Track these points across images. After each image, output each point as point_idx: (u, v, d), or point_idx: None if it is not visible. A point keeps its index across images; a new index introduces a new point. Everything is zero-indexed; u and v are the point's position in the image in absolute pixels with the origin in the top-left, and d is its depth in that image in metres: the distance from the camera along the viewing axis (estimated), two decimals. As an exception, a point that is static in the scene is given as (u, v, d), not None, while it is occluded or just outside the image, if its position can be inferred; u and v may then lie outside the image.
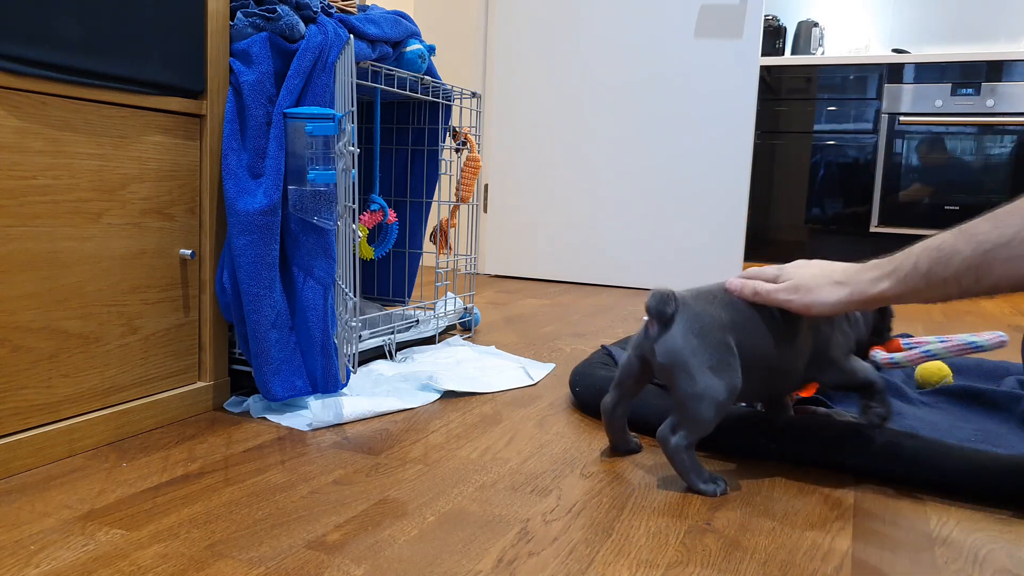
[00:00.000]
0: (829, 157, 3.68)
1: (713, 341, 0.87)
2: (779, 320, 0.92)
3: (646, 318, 0.90)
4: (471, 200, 1.63)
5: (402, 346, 1.51)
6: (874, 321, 1.04)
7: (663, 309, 0.87)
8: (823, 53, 4.00)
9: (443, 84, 1.52)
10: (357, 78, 1.27)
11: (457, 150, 1.64)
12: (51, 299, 0.88)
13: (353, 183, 1.08)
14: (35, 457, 0.87)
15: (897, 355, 1.00)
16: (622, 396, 0.97)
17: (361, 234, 1.41)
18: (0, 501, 0.79)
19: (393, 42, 1.34)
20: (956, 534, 0.79)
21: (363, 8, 1.34)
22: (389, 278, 1.75)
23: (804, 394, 1.13)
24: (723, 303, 0.91)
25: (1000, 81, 3.38)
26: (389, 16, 1.34)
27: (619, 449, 1.00)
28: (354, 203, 1.09)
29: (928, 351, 0.99)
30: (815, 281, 0.85)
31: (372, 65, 1.30)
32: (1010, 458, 0.88)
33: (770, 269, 0.92)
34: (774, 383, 0.95)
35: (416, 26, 1.40)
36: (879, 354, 1.02)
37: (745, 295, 0.90)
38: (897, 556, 0.74)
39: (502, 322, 1.91)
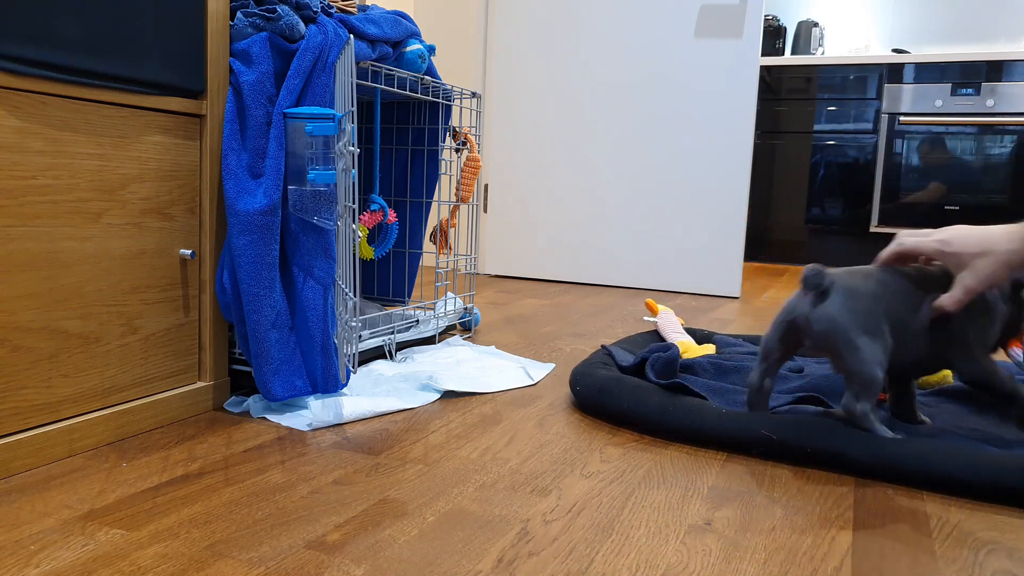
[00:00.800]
0: (829, 157, 3.68)
1: (866, 308, 0.95)
2: (919, 297, 0.99)
3: (799, 291, 0.99)
4: (471, 200, 1.63)
5: (402, 346, 1.51)
6: (1009, 313, 1.03)
7: (819, 280, 0.97)
8: (823, 53, 4.00)
9: (443, 84, 1.52)
10: (357, 78, 1.28)
11: (457, 150, 1.64)
12: (51, 299, 0.88)
13: (353, 183, 1.08)
14: (35, 457, 0.87)
15: None
16: (767, 371, 1.04)
17: (361, 234, 1.41)
18: (0, 501, 0.79)
19: (393, 42, 1.34)
20: (956, 534, 0.79)
21: (363, 8, 1.34)
22: (389, 278, 1.75)
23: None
24: (875, 279, 0.99)
25: (1000, 81, 3.38)
26: (389, 16, 1.34)
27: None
28: (354, 203, 1.09)
29: None
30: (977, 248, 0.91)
31: (372, 65, 1.30)
32: (1010, 458, 0.88)
33: (929, 240, 0.98)
34: (905, 355, 1.00)
35: (416, 26, 1.40)
36: (1020, 353, 1.01)
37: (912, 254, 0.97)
38: (897, 556, 0.74)
39: (502, 322, 1.91)
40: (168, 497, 0.81)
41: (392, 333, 1.46)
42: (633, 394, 1.10)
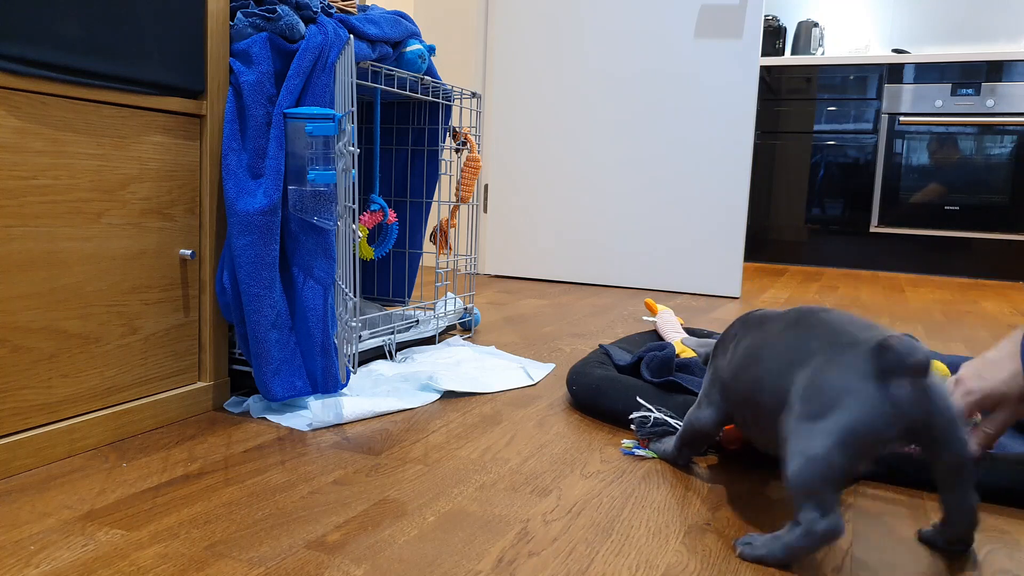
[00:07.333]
0: (829, 157, 3.68)
1: None
2: None
3: None
4: (471, 200, 1.63)
5: (402, 346, 1.51)
6: None
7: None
8: (823, 53, 4.00)
9: (443, 84, 1.52)
10: (357, 78, 1.28)
11: (457, 150, 1.64)
12: (51, 299, 0.88)
13: (353, 183, 1.08)
14: (35, 457, 0.87)
15: None
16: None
17: (361, 234, 1.41)
18: (0, 501, 0.79)
19: (393, 42, 1.34)
20: (956, 534, 0.79)
21: (363, 8, 1.34)
22: (389, 278, 1.75)
23: None
24: None
25: (1000, 81, 3.38)
26: (389, 16, 1.34)
27: None
28: (354, 203, 1.09)
29: None
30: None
31: (372, 65, 1.30)
32: (1009, 458, 0.88)
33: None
34: None
35: (416, 26, 1.40)
36: None
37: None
38: (897, 556, 0.74)
39: (502, 322, 1.91)
40: (168, 497, 0.81)
41: (392, 333, 1.46)
42: (627, 395, 1.10)
